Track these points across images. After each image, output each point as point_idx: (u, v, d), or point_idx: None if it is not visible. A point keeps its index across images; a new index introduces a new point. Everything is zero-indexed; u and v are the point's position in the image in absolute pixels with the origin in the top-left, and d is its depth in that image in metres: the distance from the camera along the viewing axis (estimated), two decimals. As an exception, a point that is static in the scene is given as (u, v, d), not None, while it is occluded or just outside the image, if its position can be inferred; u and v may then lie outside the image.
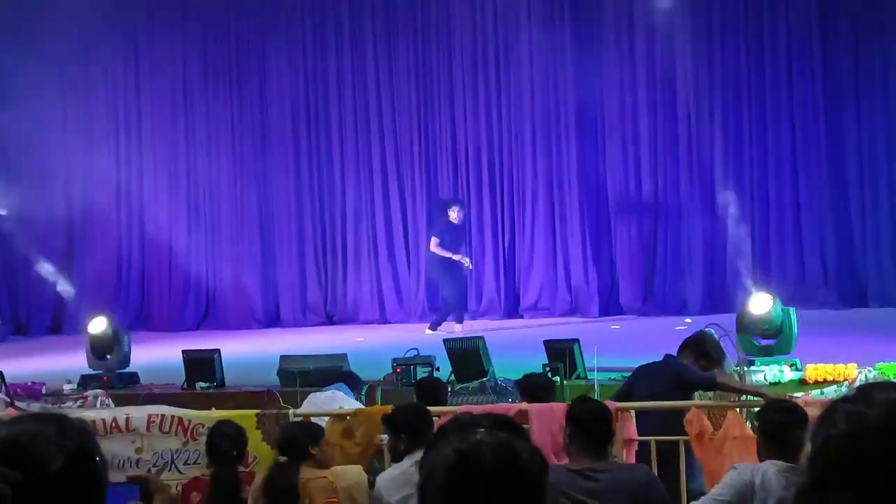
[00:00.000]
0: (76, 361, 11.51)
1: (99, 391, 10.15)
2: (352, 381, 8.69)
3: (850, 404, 1.70)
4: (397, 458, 5.50)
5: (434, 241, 14.32)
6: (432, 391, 7.18)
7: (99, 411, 7.62)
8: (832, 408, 1.73)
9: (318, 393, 8.29)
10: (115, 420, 7.16)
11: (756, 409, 6.03)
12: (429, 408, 5.99)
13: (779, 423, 4.79)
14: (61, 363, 12.11)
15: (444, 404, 7.07)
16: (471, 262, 14.72)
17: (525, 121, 15.69)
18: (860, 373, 8.92)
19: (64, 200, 16.86)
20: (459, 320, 14.12)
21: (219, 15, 16.72)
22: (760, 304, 9.99)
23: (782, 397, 6.20)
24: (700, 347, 7.19)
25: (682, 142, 15.16)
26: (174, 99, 16.81)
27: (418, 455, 5.11)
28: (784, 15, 14.84)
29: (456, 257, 14.18)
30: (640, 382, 7.11)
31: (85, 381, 10.86)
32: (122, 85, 16.97)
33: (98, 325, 11.31)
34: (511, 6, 15.62)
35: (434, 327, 14.00)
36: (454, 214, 14.60)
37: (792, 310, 10.04)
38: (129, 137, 16.99)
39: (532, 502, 1.77)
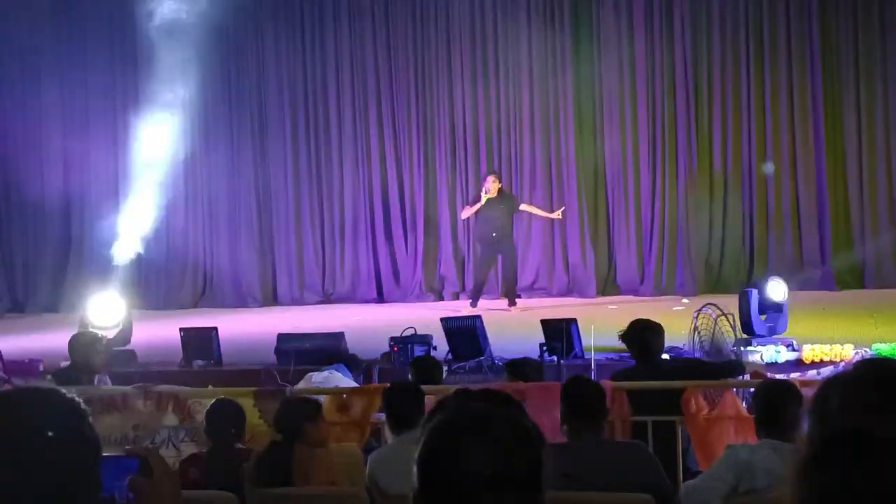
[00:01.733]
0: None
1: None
2: (352, 363, 8.70)
3: (844, 381, 1.71)
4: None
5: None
6: (427, 370, 7.19)
7: (96, 388, 7.61)
8: (827, 385, 1.74)
9: (317, 373, 8.30)
10: (112, 398, 7.17)
11: (752, 388, 6.04)
12: (424, 387, 6.01)
13: (774, 402, 4.80)
14: (59, 340, 12.07)
15: (439, 383, 7.08)
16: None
17: (524, 100, 15.67)
18: (857, 354, 8.95)
19: (62, 178, 16.83)
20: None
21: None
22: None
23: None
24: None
25: (680, 121, 15.15)
26: (172, 77, 16.72)
27: (411, 434, 5.13)
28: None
29: None
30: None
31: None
32: (119, 62, 16.90)
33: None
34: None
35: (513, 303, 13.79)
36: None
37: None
38: (126, 115, 16.92)
39: (527, 475, 1.77)
